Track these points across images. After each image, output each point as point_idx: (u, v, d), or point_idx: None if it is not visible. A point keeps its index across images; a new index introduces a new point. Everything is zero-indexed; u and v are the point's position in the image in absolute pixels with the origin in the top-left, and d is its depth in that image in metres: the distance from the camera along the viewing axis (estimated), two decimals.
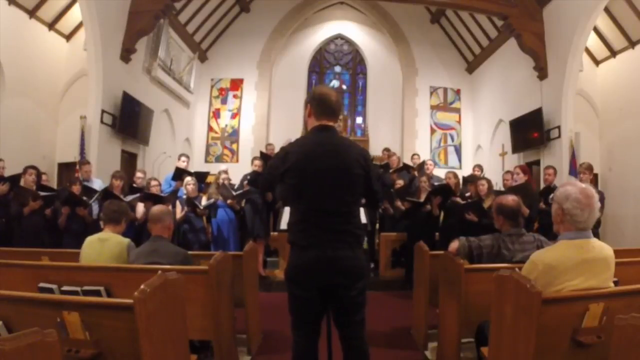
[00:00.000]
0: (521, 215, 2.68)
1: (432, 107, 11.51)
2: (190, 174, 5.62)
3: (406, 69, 11.51)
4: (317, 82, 12.74)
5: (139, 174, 5.61)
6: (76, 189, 4.99)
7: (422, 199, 5.41)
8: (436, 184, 5.97)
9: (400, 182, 6.08)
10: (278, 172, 2.04)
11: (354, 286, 1.95)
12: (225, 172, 5.85)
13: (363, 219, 5.99)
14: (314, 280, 1.94)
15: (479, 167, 7.49)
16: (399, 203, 5.85)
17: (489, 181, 5.16)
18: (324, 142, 2.02)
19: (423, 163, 7.24)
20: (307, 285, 1.95)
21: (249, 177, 5.73)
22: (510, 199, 2.69)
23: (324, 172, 1.96)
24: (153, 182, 5.33)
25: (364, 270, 2.01)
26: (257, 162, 5.85)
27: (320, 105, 2.07)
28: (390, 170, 6.28)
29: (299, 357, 2.01)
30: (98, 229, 3.42)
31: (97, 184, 5.54)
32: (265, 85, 11.38)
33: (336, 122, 2.13)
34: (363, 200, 2.26)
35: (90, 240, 2.84)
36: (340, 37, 12.76)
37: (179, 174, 5.65)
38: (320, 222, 1.96)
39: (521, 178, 5.00)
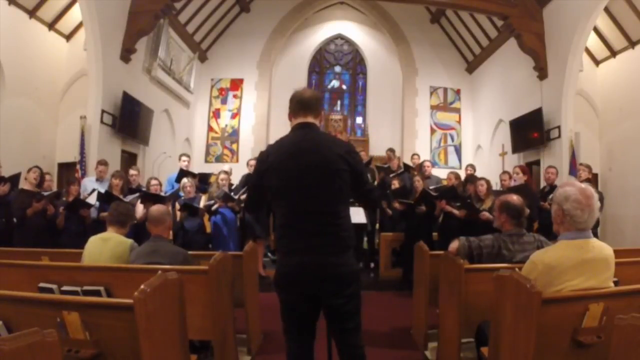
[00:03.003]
0: (524, 216, 2.67)
1: (432, 107, 11.52)
2: (194, 175, 5.57)
3: (406, 69, 11.52)
4: (317, 82, 12.76)
5: (132, 171, 5.48)
6: (75, 189, 4.98)
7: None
8: (432, 187, 5.95)
9: (395, 183, 6.05)
10: (260, 177, 1.93)
11: (341, 294, 1.84)
12: (226, 172, 5.61)
13: (363, 219, 5.90)
14: (298, 288, 1.86)
15: (472, 166, 7.46)
16: (396, 204, 5.85)
17: (488, 181, 5.16)
18: (302, 139, 1.89)
19: (422, 163, 7.23)
20: (292, 292, 1.88)
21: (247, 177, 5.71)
22: (516, 198, 2.68)
23: (303, 170, 1.83)
24: (153, 182, 5.31)
25: (351, 277, 1.87)
26: (253, 163, 5.78)
27: (292, 102, 1.97)
28: (391, 175, 6.24)
29: None
30: (97, 230, 3.42)
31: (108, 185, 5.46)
32: (265, 85, 11.38)
33: (317, 119, 1.97)
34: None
35: (93, 239, 2.85)
36: (340, 37, 12.77)
37: (183, 176, 5.61)
38: (301, 226, 1.84)
39: (520, 178, 5.01)
